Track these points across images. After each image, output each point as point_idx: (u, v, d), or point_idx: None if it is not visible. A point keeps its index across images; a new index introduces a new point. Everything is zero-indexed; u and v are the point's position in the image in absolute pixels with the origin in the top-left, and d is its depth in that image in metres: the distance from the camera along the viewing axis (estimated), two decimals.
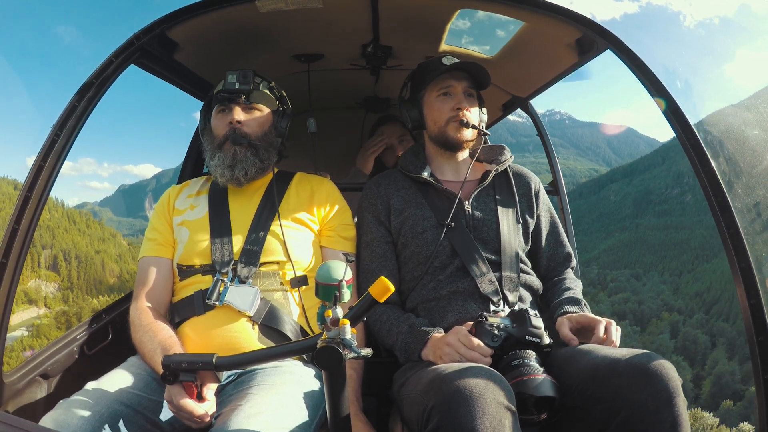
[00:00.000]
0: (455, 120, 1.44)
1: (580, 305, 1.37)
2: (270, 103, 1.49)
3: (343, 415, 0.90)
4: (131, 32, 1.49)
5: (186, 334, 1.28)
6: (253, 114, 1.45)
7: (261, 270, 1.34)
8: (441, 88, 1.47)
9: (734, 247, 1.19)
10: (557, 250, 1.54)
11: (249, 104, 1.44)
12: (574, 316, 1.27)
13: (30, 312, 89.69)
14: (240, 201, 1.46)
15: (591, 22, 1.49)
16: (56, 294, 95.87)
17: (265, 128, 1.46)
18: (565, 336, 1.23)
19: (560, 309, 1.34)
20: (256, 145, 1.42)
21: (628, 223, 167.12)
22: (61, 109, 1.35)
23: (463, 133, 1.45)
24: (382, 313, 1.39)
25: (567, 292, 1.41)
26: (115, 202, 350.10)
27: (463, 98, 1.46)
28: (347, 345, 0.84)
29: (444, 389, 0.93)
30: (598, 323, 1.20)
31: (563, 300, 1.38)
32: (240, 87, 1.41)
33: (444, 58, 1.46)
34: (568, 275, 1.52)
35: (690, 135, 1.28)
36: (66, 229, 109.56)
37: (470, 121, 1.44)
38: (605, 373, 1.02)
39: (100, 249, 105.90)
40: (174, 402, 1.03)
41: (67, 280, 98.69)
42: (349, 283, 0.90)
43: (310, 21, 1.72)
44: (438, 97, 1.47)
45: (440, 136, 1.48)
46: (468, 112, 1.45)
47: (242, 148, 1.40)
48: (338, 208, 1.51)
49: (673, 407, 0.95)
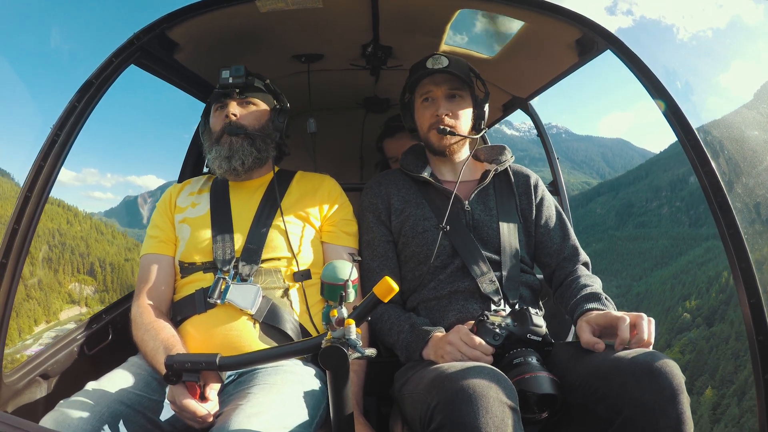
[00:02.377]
0: (434, 127, 1.43)
1: (601, 300, 1.23)
2: (266, 99, 1.50)
3: (347, 415, 0.90)
4: (131, 32, 1.49)
5: (187, 333, 1.28)
6: (249, 108, 1.46)
7: (262, 267, 1.34)
8: (422, 94, 1.46)
9: (734, 247, 1.19)
10: (563, 246, 1.47)
11: (244, 98, 1.46)
12: (593, 318, 1.15)
13: (74, 310, 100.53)
14: (241, 199, 1.47)
15: (591, 23, 1.50)
16: (94, 296, 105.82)
17: (262, 121, 1.47)
18: (587, 343, 1.10)
19: (579, 309, 1.22)
20: (253, 135, 1.43)
21: (605, 234, 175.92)
22: (61, 109, 1.35)
23: (444, 141, 1.44)
24: (383, 312, 1.39)
25: (584, 289, 1.29)
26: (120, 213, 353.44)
27: (443, 103, 1.43)
28: (352, 345, 0.84)
29: (447, 388, 0.93)
30: (621, 322, 1.06)
31: (581, 298, 1.26)
32: (233, 81, 1.43)
33: (428, 60, 1.44)
34: (581, 271, 1.41)
35: (690, 136, 1.29)
36: (96, 240, 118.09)
37: (451, 128, 1.42)
38: (608, 371, 1.02)
39: (129, 257, 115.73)
40: (177, 402, 1.03)
41: (102, 284, 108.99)
42: (355, 284, 0.90)
43: (310, 21, 1.72)
44: (422, 103, 1.47)
45: (426, 142, 1.50)
46: (449, 118, 1.43)
47: (238, 138, 1.42)
48: (340, 204, 1.52)
49: (676, 405, 0.95)
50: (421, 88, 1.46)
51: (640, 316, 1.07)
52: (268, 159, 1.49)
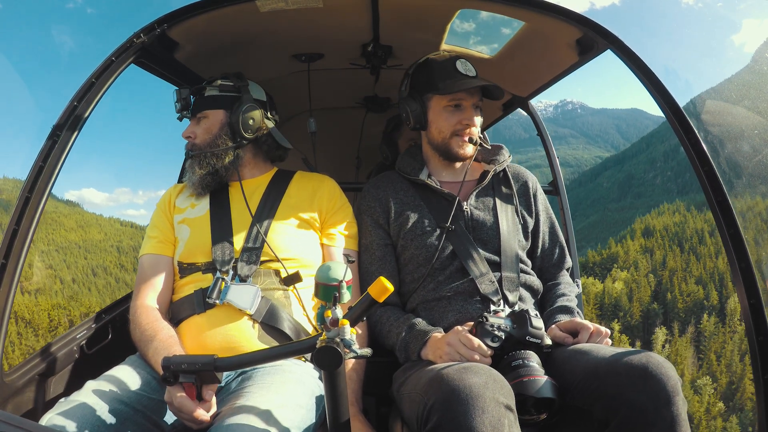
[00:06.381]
0: (461, 135, 1.43)
1: (573, 314, 1.37)
2: (219, 103, 1.48)
3: (343, 415, 0.90)
4: (131, 32, 1.49)
5: (186, 333, 1.28)
6: (201, 123, 1.48)
7: (261, 268, 1.34)
8: (453, 99, 1.43)
9: (734, 247, 1.18)
10: (552, 251, 1.53)
11: (195, 116, 1.48)
12: (562, 323, 1.29)
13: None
14: (241, 199, 1.46)
15: (591, 23, 1.49)
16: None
17: (213, 132, 1.46)
18: (556, 337, 1.25)
19: (552, 319, 1.35)
20: (200, 155, 1.45)
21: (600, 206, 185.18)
22: (61, 109, 1.35)
23: (467, 149, 1.45)
24: (382, 314, 1.39)
25: (560, 300, 1.42)
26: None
27: (473, 113, 1.44)
28: (347, 345, 0.84)
29: (444, 388, 0.93)
30: (584, 329, 1.22)
31: (555, 309, 1.39)
32: (178, 106, 1.49)
33: (458, 63, 1.43)
34: (562, 279, 1.52)
35: (690, 135, 1.28)
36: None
37: (476, 138, 1.44)
38: (605, 373, 1.03)
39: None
40: (174, 403, 1.03)
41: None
42: (349, 284, 0.90)
43: (310, 21, 1.72)
44: (447, 107, 1.44)
45: (443, 147, 1.47)
46: (475, 128, 1.44)
47: (192, 160, 1.46)
48: (339, 205, 1.51)
49: (672, 407, 0.95)
50: (451, 93, 1.42)
51: (599, 331, 1.22)
52: (223, 169, 1.46)
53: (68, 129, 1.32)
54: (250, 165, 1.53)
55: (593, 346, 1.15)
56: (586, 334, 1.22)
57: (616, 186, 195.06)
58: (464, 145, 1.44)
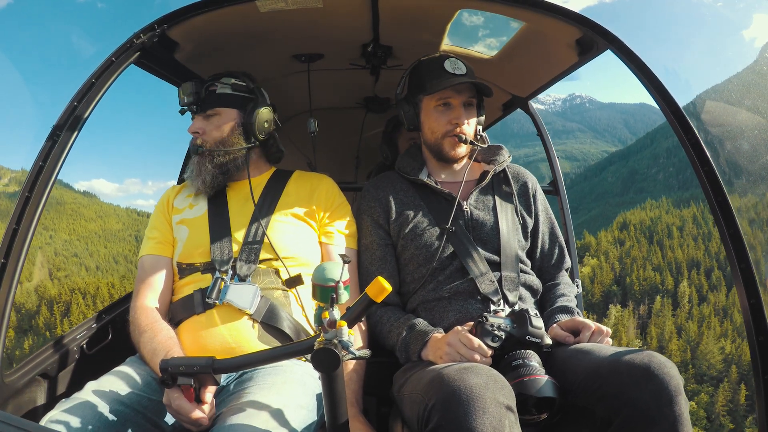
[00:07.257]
0: (452, 134, 1.43)
1: (572, 314, 1.37)
2: (233, 102, 1.47)
3: (342, 416, 0.89)
4: (131, 32, 1.49)
5: (186, 334, 1.28)
6: (212, 121, 1.45)
7: (260, 267, 1.34)
8: (440, 98, 1.43)
9: (734, 247, 1.18)
10: (552, 251, 1.54)
11: (206, 112, 1.45)
12: (563, 322, 1.29)
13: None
14: (239, 199, 1.47)
15: (591, 23, 1.49)
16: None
17: (225, 131, 1.44)
18: (557, 336, 1.25)
19: (552, 319, 1.36)
20: (212, 152, 1.43)
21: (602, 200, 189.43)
22: (60, 109, 1.35)
23: (458, 149, 1.45)
24: (383, 315, 1.40)
25: (560, 300, 1.42)
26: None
27: (463, 112, 1.43)
28: (344, 346, 0.83)
29: (444, 388, 0.93)
30: (586, 328, 1.23)
31: (555, 309, 1.40)
32: (188, 100, 1.45)
33: (446, 62, 1.42)
34: (561, 279, 1.53)
35: (690, 135, 1.28)
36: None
37: (467, 137, 1.43)
38: (607, 372, 1.03)
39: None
40: (172, 405, 1.03)
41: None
42: (346, 284, 0.89)
43: (310, 21, 1.71)
44: (436, 107, 1.44)
45: (435, 147, 1.48)
46: (466, 126, 1.44)
47: (201, 157, 1.44)
48: (338, 203, 1.51)
49: (674, 406, 0.95)
50: (439, 92, 1.42)
51: (600, 331, 1.23)
52: (233, 169, 1.46)
53: (68, 129, 1.31)
54: (253, 165, 1.53)
55: (595, 346, 1.15)
56: (588, 333, 1.22)
57: (620, 181, 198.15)
58: (456, 146, 1.44)
